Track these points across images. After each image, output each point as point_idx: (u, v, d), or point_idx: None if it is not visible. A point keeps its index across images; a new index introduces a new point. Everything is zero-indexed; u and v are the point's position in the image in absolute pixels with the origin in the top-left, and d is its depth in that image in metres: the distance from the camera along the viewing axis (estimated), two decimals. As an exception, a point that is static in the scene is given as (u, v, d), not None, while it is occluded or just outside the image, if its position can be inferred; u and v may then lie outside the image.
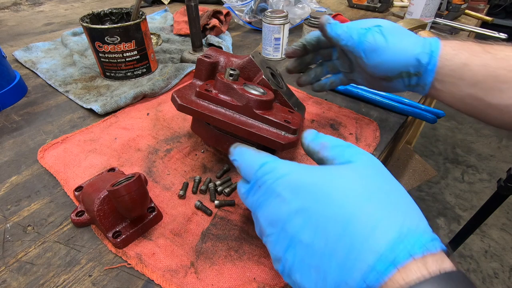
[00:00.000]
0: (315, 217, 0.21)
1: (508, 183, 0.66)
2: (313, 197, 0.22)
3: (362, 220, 0.19)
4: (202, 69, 0.42)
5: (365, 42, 0.37)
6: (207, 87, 0.38)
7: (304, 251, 0.21)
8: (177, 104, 0.35)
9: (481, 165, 1.83)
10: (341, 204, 0.21)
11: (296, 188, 0.23)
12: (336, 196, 0.21)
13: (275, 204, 0.23)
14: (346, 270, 0.19)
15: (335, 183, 0.22)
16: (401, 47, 0.37)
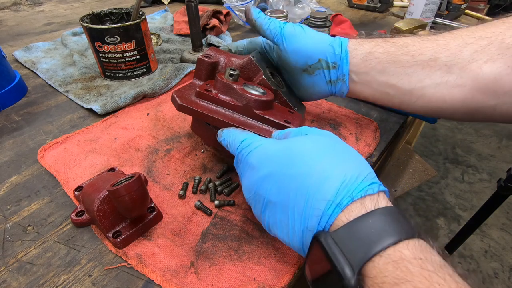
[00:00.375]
0: (279, 178, 0.26)
1: (508, 183, 0.66)
2: (277, 162, 0.26)
3: (315, 174, 0.24)
4: (202, 69, 0.42)
5: (285, 28, 0.40)
6: (207, 87, 0.38)
7: (274, 209, 0.26)
8: (177, 104, 0.35)
9: (481, 165, 1.83)
10: (298, 164, 0.25)
11: (264, 158, 0.28)
12: (295, 159, 0.26)
13: (249, 173, 0.28)
14: (306, 218, 0.23)
15: (294, 149, 0.27)
16: (316, 35, 0.40)
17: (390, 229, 0.20)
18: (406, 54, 0.36)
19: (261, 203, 0.27)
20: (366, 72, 0.39)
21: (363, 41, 0.40)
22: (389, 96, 0.39)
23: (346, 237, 0.21)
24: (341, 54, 0.39)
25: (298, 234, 0.24)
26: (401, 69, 0.36)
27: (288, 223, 0.25)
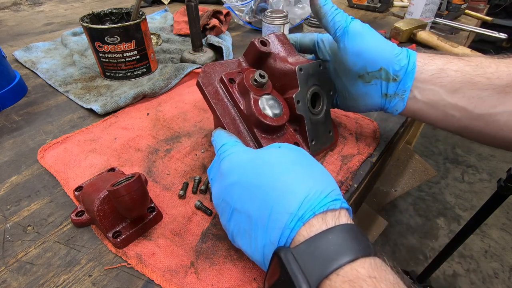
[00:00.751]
0: (246, 187, 0.25)
1: (508, 183, 0.66)
2: (245, 171, 0.26)
3: (280, 187, 0.24)
4: (250, 53, 0.39)
5: (352, 24, 0.36)
6: (233, 77, 0.37)
7: (239, 218, 0.26)
8: (197, 80, 0.37)
9: (481, 165, 1.83)
10: (265, 174, 0.25)
11: (235, 165, 0.27)
12: (263, 169, 0.26)
13: (219, 179, 0.29)
14: (269, 230, 0.23)
15: (263, 159, 0.27)
16: (383, 40, 0.37)
17: (348, 246, 0.20)
18: (482, 75, 0.33)
19: (227, 211, 0.27)
20: (434, 90, 0.35)
21: (434, 56, 0.36)
22: (454, 119, 0.35)
23: (306, 253, 0.20)
24: (407, 67, 0.35)
25: (260, 247, 0.24)
26: (475, 91, 0.33)
27: (251, 234, 0.24)
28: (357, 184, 0.41)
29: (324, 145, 0.41)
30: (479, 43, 2.18)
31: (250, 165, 0.27)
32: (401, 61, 0.36)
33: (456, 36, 0.90)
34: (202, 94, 0.36)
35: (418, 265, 1.30)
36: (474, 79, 0.33)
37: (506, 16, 2.62)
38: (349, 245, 0.20)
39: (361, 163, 0.43)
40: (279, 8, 0.82)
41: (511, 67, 0.33)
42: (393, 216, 1.53)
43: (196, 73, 0.65)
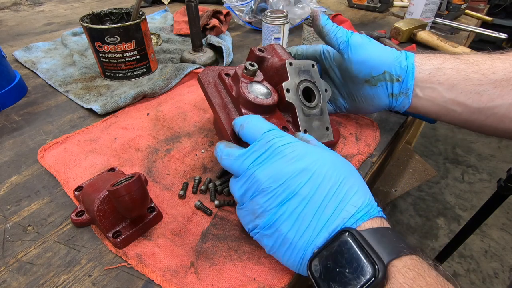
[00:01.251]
0: (316, 175, 0.27)
1: (508, 183, 0.66)
2: (315, 161, 0.28)
3: (348, 186, 0.27)
4: (249, 59, 0.44)
5: (352, 37, 0.40)
6: (229, 72, 0.41)
7: (300, 202, 0.26)
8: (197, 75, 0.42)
9: (481, 165, 1.83)
10: (335, 170, 0.27)
11: (303, 153, 0.28)
12: (332, 164, 0.28)
13: (281, 163, 0.28)
14: (335, 215, 0.26)
15: (333, 154, 0.29)
16: (382, 47, 0.41)
17: (404, 242, 0.25)
18: (477, 72, 0.35)
19: (285, 194, 0.27)
20: (432, 87, 0.38)
21: (431, 56, 0.39)
22: (455, 113, 0.38)
23: (375, 237, 0.24)
24: (407, 68, 0.38)
25: (317, 229, 0.26)
26: (472, 87, 0.35)
27: (312, 218, 0.26)
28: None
29: (320, 140, 0.41)
30: (479, 43, 2.18)
31: (318, 157, 0.28)
32: (402, 62, 0.39)
33: (456, 36, 0.90)
34: (200, 86, 0.41)
35: (418, 265, 1.30)
36: (470, 75, 0.36)
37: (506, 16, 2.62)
38: (404, 242, 0.25)
39: (361, 163, 0.43)
40: (279, 8, 0.82)
41: (506, 62, 0.35)
42: (393, 216, 1.53)
43: (196, 73, 0.65)
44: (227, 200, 0.38)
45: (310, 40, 0.69)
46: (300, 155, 0.28)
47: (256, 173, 0.28)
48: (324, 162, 0.28)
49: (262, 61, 0.43)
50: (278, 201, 0.27)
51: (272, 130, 0.30)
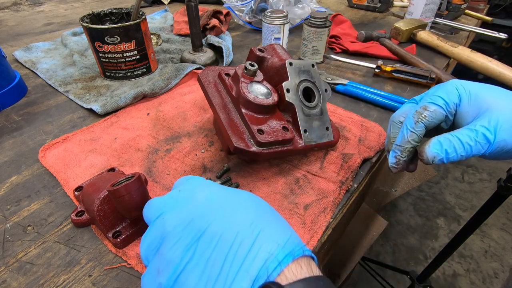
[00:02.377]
0: (229, 211, 0.22)
1: (508, 183, 0.66)
2: (229, 198, 0.23)
3: (266, 221, 0.22)
4: (249, 59, 0.44)
5: (497, 136, 0.29)
6: (229, 72, 0.41)
7: (209, 243, 0.21)
8: (198, 75, 0.42)
9: (481, 165, 1.83)
10: (251, 205, 0.23)
11: (216, 193, 0.24)
12: (248, 200, 0.23)
13: (191, 203, 0.24)
14: (252, 254, 0.19)
15: (243, 193, 0.24)
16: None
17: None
18: None
19: (191, 236, 0.21)
20: None
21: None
22: None
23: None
24: None
25: (233, 272, 0.19)
26: None
27: (224, 259, 0.20)
28: (357, 184, 0.41)
29: (320, 140, 0.42)
30: (479, 43, 2.18)
31: (239, 194, 0.24)
32: None
33: (456, 36, 0.90)
34: (200, 86, 0.41)
35: (418, 265, 1.30)
36: None
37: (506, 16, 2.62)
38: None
39: (359, 163, 0.43)
40: (279, 8, 0.82)
41: None
42: (393, 216, 1.53)
43: (196, 73, 0.65)
44: None
45: (310, 40, 0.69)
46: (212, 195, 0.23)
47: (165, 217, 0.23)
48: (239, 199, 0.23)
49: (262, 61, 0.43)
50: (183, 246, 0.21)
51: (193, 180, 0.26)
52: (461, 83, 0.33)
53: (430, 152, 0.31)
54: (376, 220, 1.30)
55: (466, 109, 0.32)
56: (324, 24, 0.66)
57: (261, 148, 0.35)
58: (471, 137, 0.30)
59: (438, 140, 0.31)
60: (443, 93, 0.33)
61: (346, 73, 0.68)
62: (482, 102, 0.31)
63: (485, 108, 0.31)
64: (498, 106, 0.30)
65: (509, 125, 0.29)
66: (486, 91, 0.32)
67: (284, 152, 0.38)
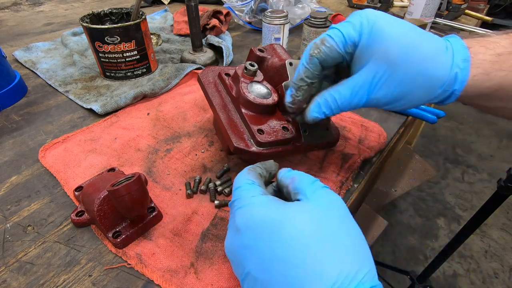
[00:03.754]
0: (263, 254, 0.22)
1: (508, 183, 0.66)
2: (263, 235, 0.22)
3: (305, 265, 0.20)
4: (249, 59, 0.44)
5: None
6: (229, 72, 0.41)
7: (254, 283, 0.22)
8: (197, 75, 0.43)
9: (481, 165, 1.83)
10: (289, 245, 0.21)
11: (251, 223, 0.23)
12: (285, 236, 0.21)
13: (233, 232, 0.25)
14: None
15: (286, 223, 0.22)
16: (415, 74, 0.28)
17: None
18: None
19: (240, 270, 0.24)
20: (480, 103, 0.30)
21: (496, 63, 0.27)
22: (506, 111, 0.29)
23: None
24: (449, 100, 0.29)
25: None
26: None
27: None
28: (357, 184, 0.41)
29: (321, 140, 0.42)
30: (479, 43, 2.17)
31: (270, 228, 0.22)
32: (443, 92, 0.29)
33: (456, 36, 0.90)
34: (200, 86, 0.42)
35: (418, 265, 1.30)
36: None
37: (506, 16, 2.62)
38: None
39: (359, 164, 0.43)
40: (279, 8, 0.82)
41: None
42: (393, 216, 1.53)
43: (196, 73, 0.65)
44: (227, 200, 0.38)
45: (310, 40, 0.69)
46: (246, 226, 0.23)
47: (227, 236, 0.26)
48: (272, 235, 0.22)
49: (262, 61, 0.43)
50: (239, 274, 0.24)
51: (236, 190, 0.26)
52: (368, 18, 0.28)
53: (310, 115, 0.32)
54: (376, 220, 1.30)
55: (362, 52, 0.28)
56: (324, 24, 0.66)
57: (261, 148, 0.35)
58: (345, 98, 0.30)
59: (318, 102, 0.31)
60: (347, 27, 0.29)
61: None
62: (375, 49, 0.28)
63: (372, 55, 0.28)
64: (384, 56, 0.27)
65: (386, 81, 0.28)
66: (388, 33, 0.27)
67: (284, 152, 0.38)
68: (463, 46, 0.27)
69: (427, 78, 0.27)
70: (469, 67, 0.27)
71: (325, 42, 0.29)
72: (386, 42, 0.27)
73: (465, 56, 0.27)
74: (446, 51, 0.27)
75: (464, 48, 0.27)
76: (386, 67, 0.27)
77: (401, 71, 0.27)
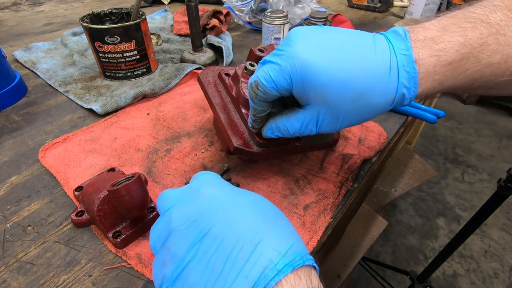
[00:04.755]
0: (232, 214, 0.22)
1: (508, 183, 0.66)
2: (233, 199, 0.23)
3: (269, 227, 0.21)
4: (249, 59, 0.44)
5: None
6: (229, 72, 0.41)
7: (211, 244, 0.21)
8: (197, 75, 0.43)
9: (481, 165, 1.83)
10: (255, 208, 0.22)
11: (221, 193, 0.24)
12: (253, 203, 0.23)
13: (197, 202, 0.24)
14: (252, 261, 0.19)
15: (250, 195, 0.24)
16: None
17: None
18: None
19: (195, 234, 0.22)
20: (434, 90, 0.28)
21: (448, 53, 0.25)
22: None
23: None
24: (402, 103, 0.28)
25: (232, 275, 0.19)
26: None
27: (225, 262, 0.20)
28: (357, 184, 0.41)
29: (321, 140, 0.42)
30: (479, 43, 2.17)
31: (245, 195, 0.24)
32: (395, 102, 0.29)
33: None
34: (200, 86, 0.42)
35: (418, 265, 1.30)
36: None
37: (506, 16, 2.61)
38: None
39: (359, 164, 0.43)
40: (279, 8, 0.82)
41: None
42: (393, 216, 1.53)
43: (196, 73, 0.65)
44: None
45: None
46: (217, 195, 0.24)
47: (172, 212, 0.23)
48: (244, 201, 0.23)
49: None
50: (188, 243, 0.21)
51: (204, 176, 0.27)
52: (295, 63, 0.26)
53: (265, 135, 0.34)
54: (376, 220, 1.30)
55: (299, 95, 0.29)
56: (324, 24, 0.66)
57: (261, 148, 0.35)
58: (295, 129, 0.31)
59: (271, 126, 0.33)
60: (277, 72, 0.27)
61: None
62: (311, 95, 0.28)
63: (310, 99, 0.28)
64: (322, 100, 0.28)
65: (330, 117, 0.28)
66: (319, 78, 0.26)
67: (284, 152, 0.38)
68: (410, 60, 0.25)
69: (371, 107, 0.27)
70: (417, 83, 0.26)
71: (258, 86, 0.29)
72: (320, 88, 0.27)
73: (412, 73, 0.25)
74: (389, 73, 0.26)
75: (411, 62, 0.25)
76: (326, 108, 0.28)
77: (342, 109, 0.27)
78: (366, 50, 0.26)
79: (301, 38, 0.27)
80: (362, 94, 0.26)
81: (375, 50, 0.26)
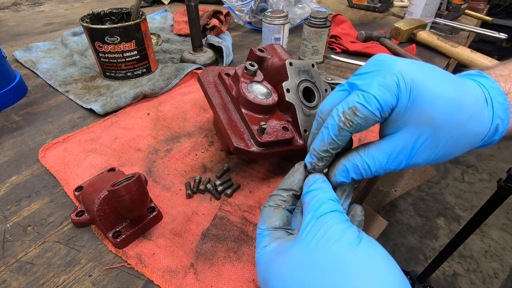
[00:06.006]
0: None
1: (508, 183, 0.66)
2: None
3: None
4: (250, 59, 0.44)
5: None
6: (229, 72, 0.41)
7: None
8: (198, 75, 0.42)
9: (481, 165, 1.83)
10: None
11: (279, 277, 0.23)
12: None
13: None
14: None
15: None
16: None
17: None
18: None
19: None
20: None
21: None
22: None
23: None
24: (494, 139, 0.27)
25: None
26: None
27: None
28: (357, 184, 0.41)
29: None
30: (479, 43, 2.18)
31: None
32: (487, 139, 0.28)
33: (456, 36, 0.90)
34: (200, 86, 0.41)
35: (418, 265, 1.30)
36: None
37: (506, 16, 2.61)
38: None
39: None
40: (279, 8, 0.82)
41: None
42: (393, 216, 1.53)
43: (196, 73, 0.65)
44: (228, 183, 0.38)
45: (310, 40, 0.69)
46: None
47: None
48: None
49: (262, 61, 0.43)
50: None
51: (260, 233, 0.26)
52: (404, 77, 0.24)
53: (335, 181, 0.28)
54: (376, 220, 1.30)
55: (399, 116, 0.25)
56: (324, 24, 0.66)
57: (261, 148, 0.35)
58: (380, 165, 0.26)
59: (346, 167, 0.28)
60: (382, 91, 0.24)
61: (346, 73, 0.68)
62: (417, 113, 0.24)
63: (413, 119, 0.25)
64: (429, 120, 0.24)
65: (429, 145, 0.25)
66: (429, 94, 0.24)
67: (284, 152, 0.38)
68: (500, 92, 0.25)
69: (471, 136, 0.25)
70: (509, 115, 0.25)
71: (357, 112, 0.24)
72: (429, 105, 0.24)
73: (505, 105, 0.25)
74: (487, 104, 0.25)
75: (501, 94, 0.25)
76: (431, 131, 0.24)
77: (446, 134, 0.25)
78: (461, 79, 0.26)
79: (395, 59, 0.25)
80: (469, 119, 0.24)
81: (467, 81, 0.26)
